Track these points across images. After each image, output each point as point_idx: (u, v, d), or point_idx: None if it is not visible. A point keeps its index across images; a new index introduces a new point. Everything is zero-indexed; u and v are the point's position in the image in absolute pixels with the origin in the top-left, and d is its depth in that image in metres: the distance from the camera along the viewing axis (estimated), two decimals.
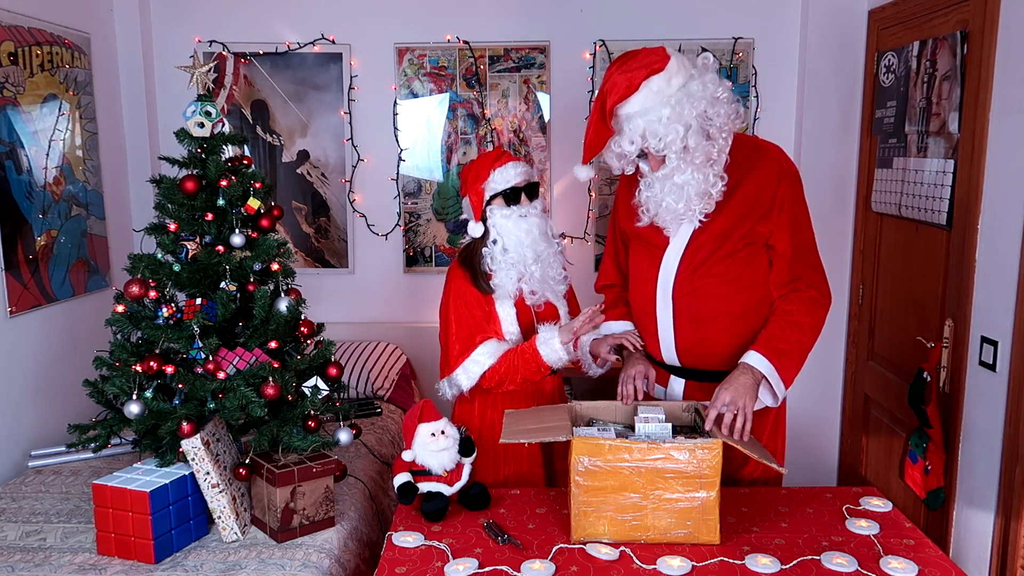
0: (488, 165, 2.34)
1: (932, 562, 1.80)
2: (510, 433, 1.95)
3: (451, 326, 2.34)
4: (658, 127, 1.99)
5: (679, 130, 1.99)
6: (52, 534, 2.23)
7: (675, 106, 1.99)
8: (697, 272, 2.13)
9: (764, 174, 2.10)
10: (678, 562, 1.78)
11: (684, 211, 2.06)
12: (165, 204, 2.36)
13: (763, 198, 2.09)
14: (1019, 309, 2.30)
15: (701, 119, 2.01)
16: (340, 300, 3.94)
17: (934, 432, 2.62)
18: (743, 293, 2.13)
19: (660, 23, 3.69)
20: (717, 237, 2.10)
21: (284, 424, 2.28)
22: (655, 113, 2.00)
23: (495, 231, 2.34)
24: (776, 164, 2.12)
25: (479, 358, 2.29)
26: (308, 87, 3.79)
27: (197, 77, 2.40)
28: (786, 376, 2.11)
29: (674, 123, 1.99)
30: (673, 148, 2.01)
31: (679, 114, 1.99)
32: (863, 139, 3.43)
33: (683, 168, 2.02)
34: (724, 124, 2.04)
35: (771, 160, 2.12)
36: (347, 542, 2.24)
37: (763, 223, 2.10)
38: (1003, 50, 2.38)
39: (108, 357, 2.30)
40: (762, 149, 2.15)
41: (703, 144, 2.02)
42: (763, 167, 2.11)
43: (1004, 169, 2.38)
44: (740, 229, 2.10)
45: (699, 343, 2.17)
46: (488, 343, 2.31)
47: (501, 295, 2.34)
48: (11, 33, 2.87)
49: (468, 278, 2.36)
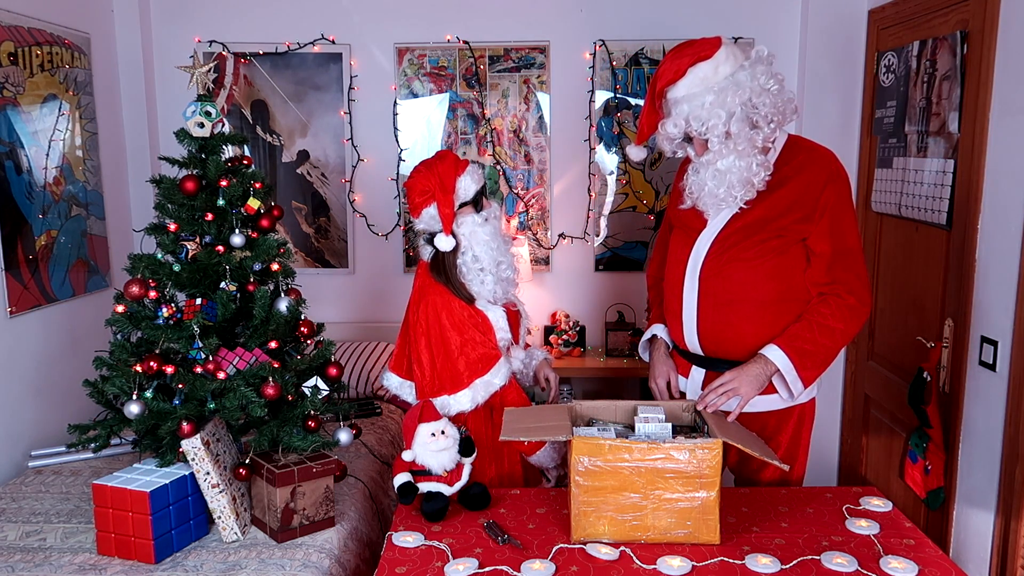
0: (452, 173, 2.28)
1: (932, 562, 1.80)
2: (510, 431, 1.95)
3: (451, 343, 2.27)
4: (701, 112, 2.06)
5: (721, 115, 2.05)
6: (52, 534, 2.23)
7: (719, 93, 2.05)
8: (726, 255, 2.15)
9: (812, 175, 2.12)
10: (678, 562, 1.78)
11: (725, 196, 2.10)
12: (165, 204, 2.36)
13: (807, 199, 2.11)
14: (1019, 309, 2.30)
15: (746, 107, 2.06)
16: (340, 300, 3.94)
17: (934, 432, 2.62)
18: (769, 282, 2.14)
19: (660, 23, 3.69)
20: (752, 225, 2.13)
21: (284, 424, 2.28)
22: (700, 99, 2.07)
23: (466, 241, 2.29)
24: (826, 168, 2.14)
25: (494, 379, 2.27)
26: (308, 87, 3.79)
27: (197, 77, 2.40)
28: (805, 376, 2.11)
29: (717, 108, 2.05)
30: (715, 133, 2.06)
31: (723, 101, 2.05)
32: (863, 139, 3.43)
33: (725, 154, 2.07)
34: (771, 114, 2.07)
35: (822, 163, 2.14)
36: (347, 542, 2.24)
37: (803, 223, 2.11)
38: (1003, 50, 2.38)
39: (108, 357, 2.30)
40: (815, 152, 2.18)
41: (747, 132, 2.07)
42: (813, 169, 2.13)
43: (1004, 169, 2.38)
44: (778, 222, 2.12)
45: (720, 327, 2.19)
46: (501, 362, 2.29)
47: (483, 304, 2.32)
48: (11, 33, 2.87)
49: (449, 292, 2.29)
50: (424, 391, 2.31)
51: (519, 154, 3.83)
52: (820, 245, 2.12)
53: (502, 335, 2.33)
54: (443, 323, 2.27)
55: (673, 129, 2.12)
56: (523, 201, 3.87)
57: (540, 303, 3.91)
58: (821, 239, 2.12)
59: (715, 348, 2.22)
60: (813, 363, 2.11)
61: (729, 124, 2.05)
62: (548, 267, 3.92)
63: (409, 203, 2.34)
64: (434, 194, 2.27)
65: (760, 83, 2.07)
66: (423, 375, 2.31)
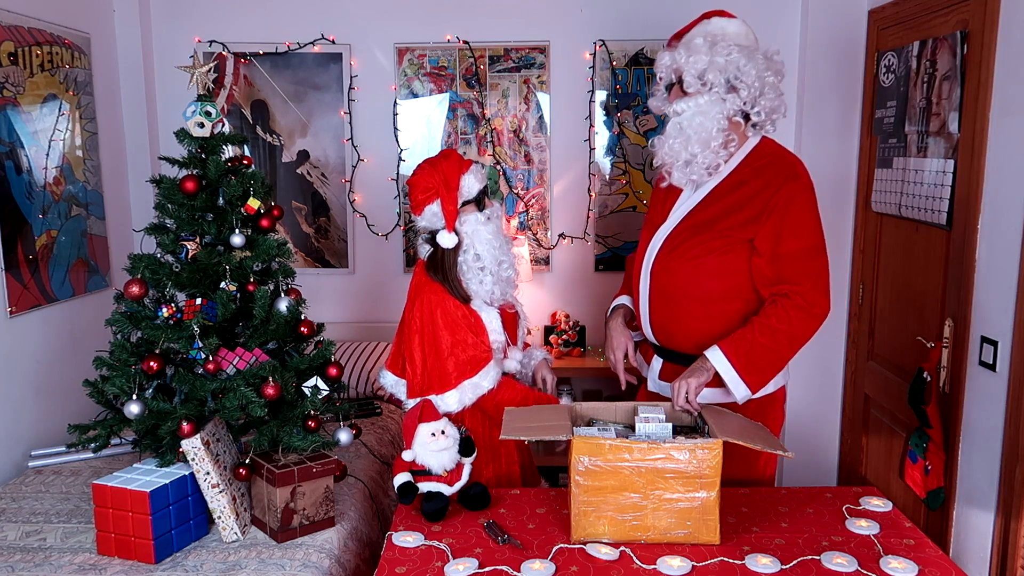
0: (456, 171, 2.28)
1: (932, 562, 1.80)
2: (510, 430, 1.95)
3: (442, 342, 2.27)
4: (692, 47, 2.14)
5: (706, 59, 2.11)
6: (52, 534, 2.23)
7: (717, 43, 2.13)
8: (673, 253, 2.20)
9: (769, 178, 2.12)
10: (678, 562, 1.78)
11: (687, 161, 2.13)
12: (165, 204, 2.36)
13: (758, 200, 2.11)
14: (1019, 309, 2.30)
15: (733, 70, 2.11)
16: (340, 300, 3.94)
17: (934, 432, 2.62)
18: (711, 281, 2.15)
19: (660, 23, 3.69)
20: (701, 224, 2.17)
21: (284, 424, 2.28)
22: (692, 40, 2.17)
23: (468, 239, 2.30)
24: (784, 171, 2.13)
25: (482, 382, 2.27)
26: (308, 87, 3.79)
27: (197, 77, 2.40)
28: (749, 379, 2.08)
29: (705, 52, 2.12)
30: (694, 69, 2.12)
31: (716, 49, 2.11)
32: (863, 139, 3.43)
33: (690, 103, 2.11)
34: (754, 86, 2.11)
35: (782, 167, 2.14)
36: (347, 542, 2.24)
37: (751, 223, 2.11)
38: (1003, 50, 2.38)
39: (108, 357, 2.30)
40: (779, 156, 2.19)
41: (721, 90, 2.11)
42: (771, 171, 2.14)
43: (1004, 169, 2.38)
44: (725, 222, 2.13)
45: (668, 321, 2.24)
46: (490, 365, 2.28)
47: (478, 304, 2.32)
48: (11, 33, 2.87)
49: (445, 291, 2.29)
50: (413, 390, 2.31)
51: (519, 154, 3.83)
52: (764, 245, 2.10)
53: (495, 337, 2.33)
54: (436, 322, 2.27)
55: (659, 66, 2.21)
56: (523, 201, 3.87)
57: (540, 303, 3.91)
58: (765, 239, 2.09)
59: (666, 341, 2.28)
60: (756, 366, 2.07)
61: (709, 71, 2.10)
62: (548, 267, 3.92)
63: (411, 200, 2.34)
64: (438, 191, 2.27)
65: (757, 62, 2.12)
66: (414, 373, 2.31)
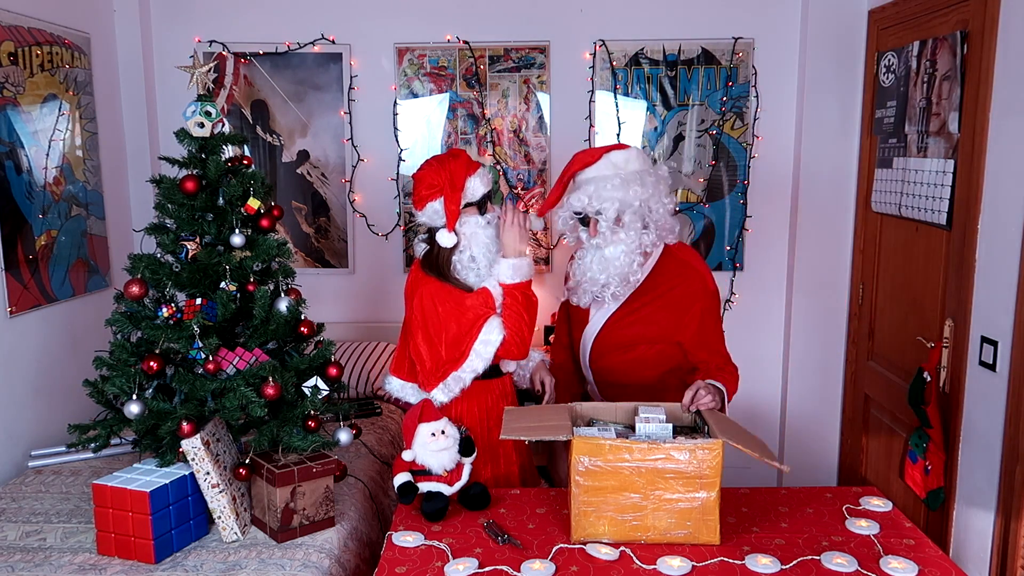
0: (463, 172, 2.29)
1: (932, 562, 1.80)
2: (510, 430, 1.95)
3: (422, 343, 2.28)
4: (604, 191, 2.26)
5: (619, 199, 2.25)
6: (52, 534, 2.22)
7: (625, 180, 2.27)
8: (608, 355, 2.42)
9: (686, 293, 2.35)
10: (678, 562, 1.78)
11: (603, 286, 2.31)
12: (165, 204, 2.36)
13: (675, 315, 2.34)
14: (1019, 309, 2.30)
15: (643, 206, 2.28)
16: (340, 300, 3.94)
17: (934, 432, 2.62)
18: (649, 371, 2.41)
19: (660, 23, 3.69)
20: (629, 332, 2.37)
21: (284, 424, 2.28)
22: (607, 180, 2.27)
23: (466, 240, 2.30)
24: (699, 286, 2.37)
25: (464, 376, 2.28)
26: (308, 87, 3.79)
27: (197, 77, 2.40)
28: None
29: (618, 192, 2.25)
30: (609, 213, 2.26)
31: (626, 188, 2.26)
32: (863, 139, 3.43)
33: (613, 240, 2.28)
34: (662, 222, 2.31)
35: (695, 281, 2.37)
36: (347, 542, 2.24)
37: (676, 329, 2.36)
38: (1003, 50, 2.38)
39: (108, 357, 2.30)
40: (689, 268, 2.39)
41: (638, 228, 2.29)
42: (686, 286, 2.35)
43: (1004, 169, 2.38)
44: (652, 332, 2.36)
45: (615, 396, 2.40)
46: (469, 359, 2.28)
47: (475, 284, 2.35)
48: (11, 33, 2.87)
49: (438, 283, 2.30)
50: (428, 381, 2.31)
51: (519, 154, 3.83)
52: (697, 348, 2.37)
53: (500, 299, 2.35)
54: (438, 312, 2.28)
55: (576, 203, 2.29)
56: (523, 201, 3.87)
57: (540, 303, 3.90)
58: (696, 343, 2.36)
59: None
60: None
61: (625, 212, 2.26)
62: (548, 267, 3.92)
63: (415, 195, 2.34)
64: (442, 189, 2.27)
65: (661, 191, 2.30)
66: (423, 367, 2.31)
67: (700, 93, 3.74)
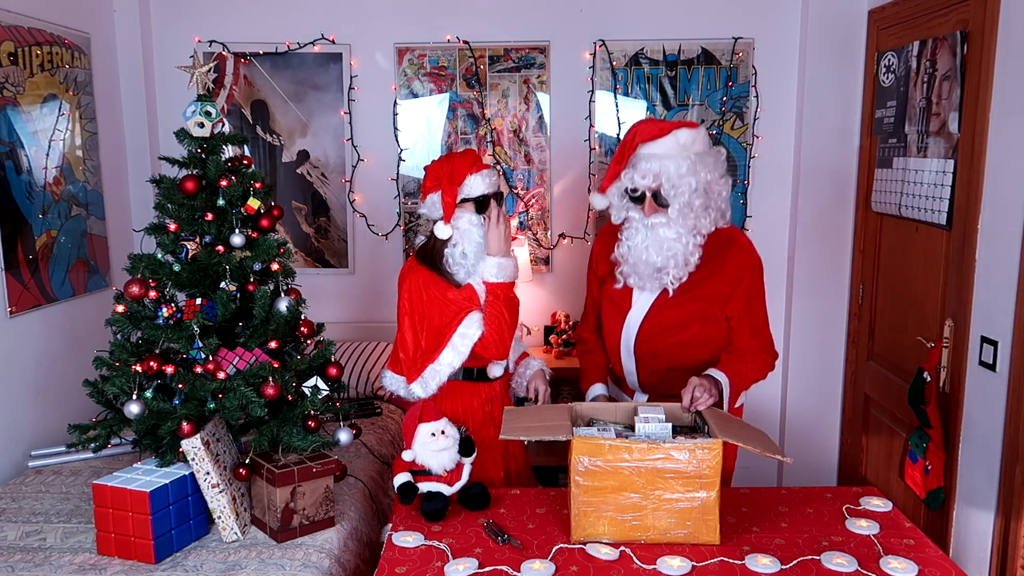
0: (465, 169, 2.32)
1: (932, 562, 1.80)
2: (510, 429, 1.95)
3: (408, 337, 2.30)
4: (674, 174, 2.15)
5: (692, 183, 2.15)
6: (52, 534, 2.22)
7: (694, 162, 2.16)
8: (658, 337, 2.33)
9: (735, 267, 2.29)
10: (678, 562, 1.78)
11: (660, 269, 2.22)
12: (165, 204, 2.36)
13: (726, 287, 2.28)
14: (1019, 309, 2.30)
15: (708, 188, 2.19)
16: (340, 300, 3.94)
17: (934, 432, 2.62)
18: (699, 350, 2.33)
19: (660, 23, 3.69)
20: (679, 312, 2.29)
21: (284, 424, 2.28)
22: (675, 161, 2.15)
23: (458, 235, 2.32)
24: (747, 260, 2.32)
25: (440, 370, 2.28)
26: (308, 87, 3.79)
27: (197, 77, 2.40)
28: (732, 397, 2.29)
29: (690, 176, 2.15)
30: (682, 199, 2.16)
31: (695, 171, 2.16)
32: (863, 139, 3.43)
33: (679, 223, 2.17)
34: (721, 206, 2.23)
35: (742, 254, 2.32)
36: (347, 542, 2.24)
37: (724, 306, 2.30)
38: (1003, 50, 2.38)
39: (108, 357, 2.30)
40: (735, 242, 2.33)
41: (700, 210, 2.19)
42: (734, 260, 2.30)
43: (1004, 169, 2.38)
44: (702, 309, 2.29)
45: (658, 385, 2.39)
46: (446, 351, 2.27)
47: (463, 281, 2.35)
48: (11, 33, 2.87)
49: (427, 274, 2.32)
50: (410, 372, 2.31)
51: (519, 154, 3.83)
52: (742, 326, 2.32)
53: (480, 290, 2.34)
54: (423, 299, 2.30)
55: (641, 180, 2.17)
56: (523, 201, 3.87)
57: (540, 303, 3.92)
58: (743, 320, 2.31)
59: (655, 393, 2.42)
60: (735, 395, 2.29)
61: (694, 196, 2.16)
62: (548, 267, 3.92)
63: (422, 186, 2.42)
64: (441, 182, 2.32)
65: (720, 173, 2.21)
66: (407, 355, 2.32)
67: (700, 93, 3.74)
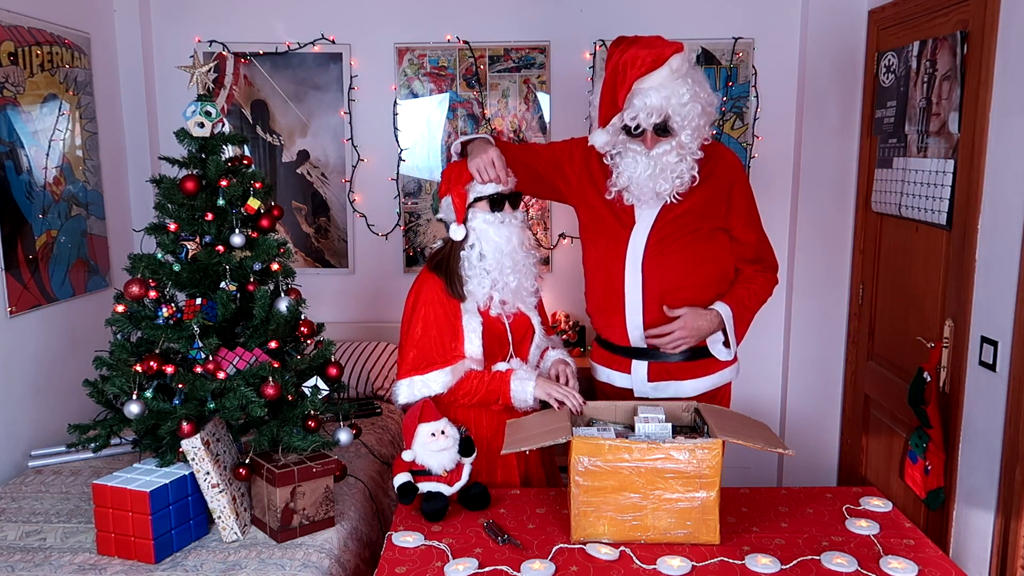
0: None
1: (932, 562, 1.80)
2: (511, 443, 1.95)
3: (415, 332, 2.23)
4: (677, 104, 2.10)
5: (697, 109, 2.12)
6: (52, 534, 2.23)
7: (691, 87, 2.11)
8: (666, 249, 2.27)
9: (725, 172, 2.30)
10: (678, 562, 1.78)
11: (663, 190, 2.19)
12: (165, 204, 2.36)
13: (720, 196, 2.28)
14: (1019, 309, 2.30)
15: (705, 107, 2.15)
16: (340, 300, 3.94)
17: (934, 432, 2.62)
18: (709, 264, 2.32)
19: (660, 23, 3.68)
20: (684, 217, 2.25)
21: (284, 424, 2.28)
22: (674, 90, 2.09)
23: (474, 235, 2.26)
24: (734, 167, 2.34)
25: (431, 383, 2.20)
26: (308, 87, 3.79)
27: (197, 77, 2.40)
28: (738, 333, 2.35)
29: (692, 103, 2.11)
30: (691, 126, 2.12)
31: (696, 95, 2.11)
32: (863, 139, 3.43)
33: (686, 146, 2.15)
34: (713, 119, 2.22)
35: (730, 161, 2.34)
36: (347, 542, 2.24)
37: (723, 215, 2.30)
38: (1003, 50, 2.38)
39: (108, 357, 2.30)
40: (719, 150, 2.33)
41: (703, 130, 2.16)
42: (723, 166, 2.30)
43: (1004, 169, 2.38)
44: (704, 214, 2.27)
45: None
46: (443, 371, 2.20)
47: (470, 307, 2.26)
48: (11, 33, 2.87)
49: (441, 285, 2.26)
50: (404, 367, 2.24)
51: None
52: (746, 235, 2.34)
53: (470, 348, 2.25)
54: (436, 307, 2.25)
55: (647, 119, 2.10)
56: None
57: None
58: (745, 230, 2.33)
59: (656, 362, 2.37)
60: (743, 324, 2.34)
61: (700, 119, 2.13)
62: (548, 267, 3.92)
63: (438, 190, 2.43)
64: (450, 182, 2.29)
65: (709, 88, 2.18)
66: (407, 348, 2.25)
67: None
